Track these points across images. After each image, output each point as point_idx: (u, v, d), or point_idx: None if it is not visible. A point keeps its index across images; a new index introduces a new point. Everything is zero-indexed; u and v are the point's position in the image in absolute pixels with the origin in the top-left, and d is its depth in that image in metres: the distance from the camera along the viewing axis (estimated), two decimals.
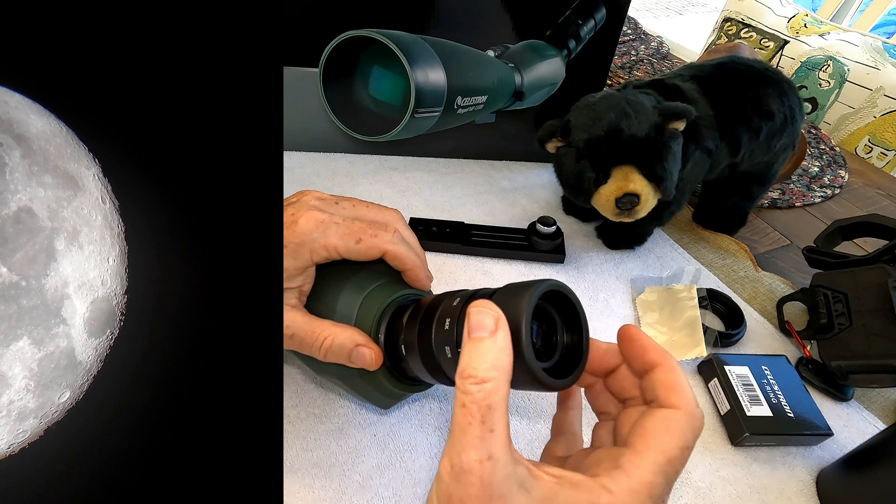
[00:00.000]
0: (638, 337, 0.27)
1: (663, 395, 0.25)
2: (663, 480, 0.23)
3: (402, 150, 0.72)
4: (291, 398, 0.44)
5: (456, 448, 0.22)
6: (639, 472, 0.23)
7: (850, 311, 0.49)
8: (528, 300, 0.25)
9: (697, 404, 0.25)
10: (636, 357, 0.27)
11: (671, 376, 0.25)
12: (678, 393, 0.25)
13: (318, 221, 0.34)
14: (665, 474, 0.23)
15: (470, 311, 0.24)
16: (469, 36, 0.62)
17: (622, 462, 0.23)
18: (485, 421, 0.22)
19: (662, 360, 0.26)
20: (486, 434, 0.22)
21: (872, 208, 0.79)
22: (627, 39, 1.16)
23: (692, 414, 0.24)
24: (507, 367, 0.23)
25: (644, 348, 0.27)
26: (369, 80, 0.43)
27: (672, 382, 0.25)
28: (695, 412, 0.24)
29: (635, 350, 0.27)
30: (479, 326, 0.24)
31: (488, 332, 0.23)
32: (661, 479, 0.23)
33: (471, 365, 0.23)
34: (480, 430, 0.22)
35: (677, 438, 0.24)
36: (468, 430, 0.22)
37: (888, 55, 1.24)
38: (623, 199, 0.51)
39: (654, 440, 0.24)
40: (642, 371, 0.27)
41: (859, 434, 0.47)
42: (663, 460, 0.23)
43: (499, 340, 0.23)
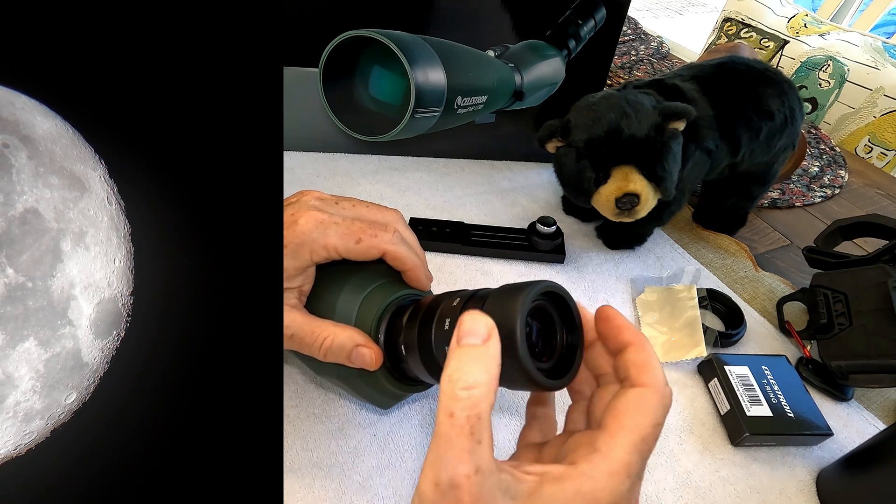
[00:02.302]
0: (614, 317, 0.28)
1: (635, 374, 0.25)
2: (639, 458, 0.23)
3: (402, 150, 0.72)
4: (291, 398, 0.44)
5: (442, 461, 0.21)
6: (616, 453, 0.23)
7: (850, 311, 0.49)
8: (523, 300, 0.25)
9: (666, 383, 0.26)
10: (611, 337, 0.28)
11: (642, 356, 0.26)
12: (649, 372, 0.25)
13: (317, 221, 0.34)
14: (640, 452, 0.23)
15: (463, 317, 0.24)
16: (469, 36, 0.62)
17: (598, 445, 0.24)
18: (473, 432, 0.21)
19: (635, 340, 0.27)
20: (475, 446, 0.21)
21: (872, 208, 0.79)
22: (627, 39, 1.16)
23: (661, 392, 0.25)
24: (495, 375, 0.23)
25: (619, 328, 0.27)
26: (369, 80, 0.43)
27: (643, 361, 0.26)
28: (664, 390, 0.25)
29: (610, 330, 0.28)
30: (470, 333, 0.23)
31: (480, 340, 0.23)
32: (636, 457, 0.23)
33: (460, 369, 0.22)
34: (469, 442, 0.21)
35: (649, 416, 0.24)
36: (456, 443, 0.21)
37: (888, 55, 1.24)
38: (623, 199, 0.51)
39: (627, 420, 0.24)
40: (616, 350, 0.27)
41: (859, 434, 0.47)
42: (637, 439, 0.24)
43: (490, 348, 0.23)
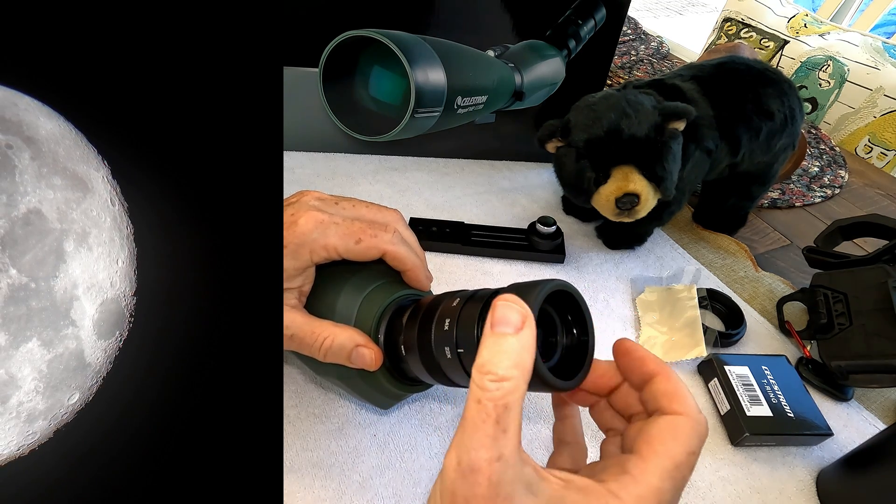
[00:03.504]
0: (634, 349, 0.27)
1: (665, 404, 0.25)
2: (671, 486, 0.23)
3: (402, 150, 0.72)
4: (291, 398, 0.44)
5: (465, 445, 0.21)
6: (647, 478, 0.22)
7: (850, 311, 0.49)
8: (534, 300, 0.25)
9: (700, 410, 0.25)
10: (634, 370, 0.27)
11: (671, 385, 0.25)
12: (680, 400, 0.25)
13: (317, 222, 0.34)
14: (673, 480, 0.23)
15: (496, 303, 0.23)
16: (469, 36, 0.62)
17: (629, 468, 0.23)
18: (499, 421, 0.21)
19: (660, 369, 0.26)
20: (499, 434, 0.21)
21: (872, 208, 0.79)
22: (627, 39, 1.16)
23: (696, 419, 0.24)
24: (528, 368, 0.22)
25: (642, 360, 0.26)
26: (369, 80, 0.43)
27: (672, 390, 0.25)
28: (699, 418, 0.24)
29: (633, 363, 0.27)
30: (503, 321, 0.23)
31: (513, 329, 0.23)
32: (668, 484, 0.22)
33: (491, 361, 0.22)
34: (494, 429, 0.21)
35: (683, 444, 0.23)
36: (481, 428, 0.21)
37: (888, 55, 1.24)
38: (623, 199, 0.51)
39: (660, 446, 0.23)
40: (641, 383, 0.26)
41: (859, 434, 0.47)
42: (671, 465, 0.23)
43: (523, 338, 0.22)
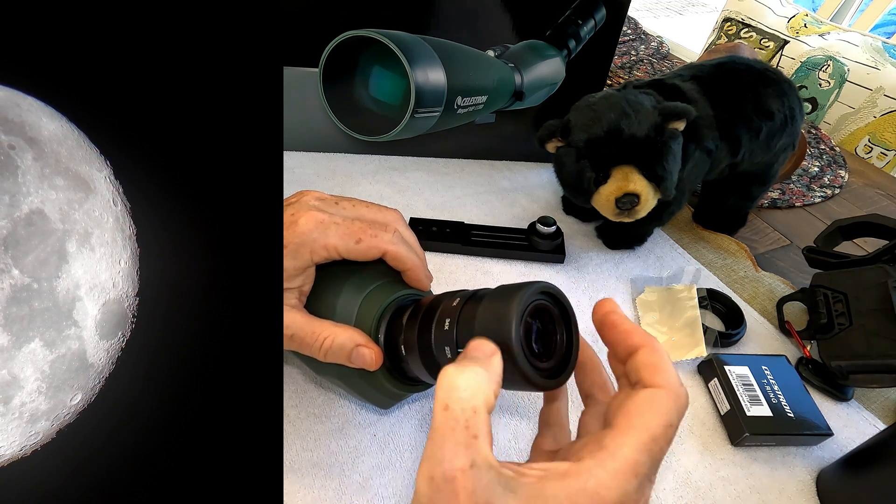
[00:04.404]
0: (620, 323, 0.27)
1: (647, 376, 0.25)
2: (648, 459, 0.22)
3: (402, 150, 0.72)
4: (291, 398, 0.44)
5: (437, 457, 0.21)
6: (623, 451, 0.22)
7: (850, 311, 0.49)
8: (517, 302, 0.25)
9: (681, 384, 0.25)
10: (619, 343, 0.27)
11: (654, 357, 0.25)
12: (661, 372, 0.25)
13: (317, 221, 0.34)
14: (650, 452, 0.23)
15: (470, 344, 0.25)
16: (469, 36, 0.62)
17: (606, 442, 0.23)
18: (468, 426, 0.21)
19: (645, 342, 0.26)
20: (470, 440, 0.21)
21: (872, 208, 0.79)
22: (627, 39, 1.16)
23: (676, 392, 0.24)
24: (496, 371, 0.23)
25: (627, 333, 0.27)
26: (369, 80, 0.43)
27: (655, 363, 0.25)
28: (679, 391, 0.24)
29: (618, 335, 0.27)
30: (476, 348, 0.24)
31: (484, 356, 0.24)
32: (645, 457, 0.22)
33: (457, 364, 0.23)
34: (464, 436, 0.21)
35: (661, 417, 0.23)
36: (450, 437, 0.21)
37: (888, 55, 1.24)
38: (623, 199, 0.51)
39: (637, 419, 0.23)
40: (626, 355, 0.26)
41: (859, 434, 0.47)
42: (647, 438, 0.23)
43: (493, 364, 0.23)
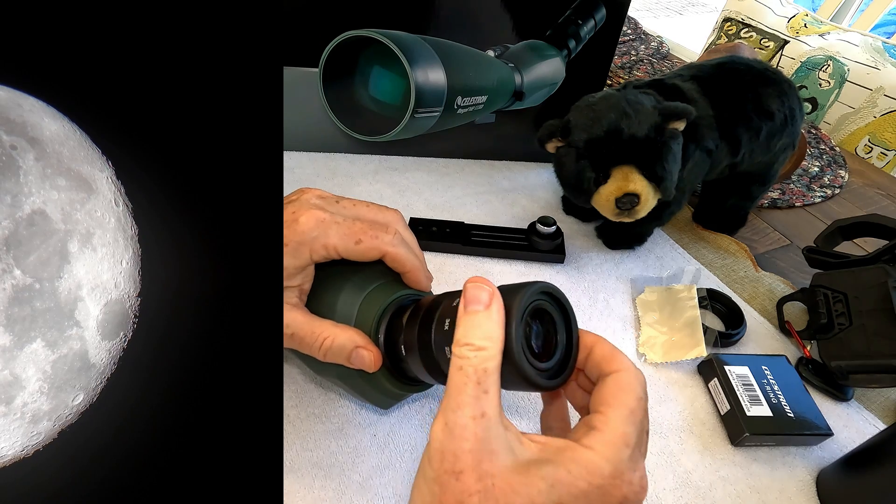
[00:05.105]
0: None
1: (606, 366, 0.28)
2: (634, 429, 0.25)
3: (402, 150, 0.72)
4: (291, 398, 0.44)
5: (451, 406, 0.24)
6: (611, 426, 0.25)
7: (850, 311, 0.49)
8: (517, 303, 0.26)
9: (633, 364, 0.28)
10: None
11: (607, 348, 0.28)
12: (617, 359, 0.28)
13: (318, 220, 0.34)
14: (634, 423, 0.26)
15: (466, 285, 0.26)
16: (469, 36, 0.62)
17: (594, 423, 0.26)
18: (480, 382, 0.24)
19: (595, 339, 0.29)
20: (481, 394, 0.24)
21: (872, 208, 0.79)
22: (627, 39, 1.16)
23: (634, 372, 0.27)
24: (500, 338, 0.25)
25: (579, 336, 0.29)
26: (369, 80, 0.43)
27: (609, 353, 0.28)
28: (635, 370, 0.28)
29: None
30: (474, 300, 0.26)
31: (483, 306, 0.26)
32: (631, 427, 0.25)
33: (467, 335, 0.25)
34: (475, 390, 0.24)
35: (631, 392, 0.26)
36: (463, 391, 0.24)
37: (888, 55, 1.24)
38: (623, 199, 0.51)
39: (613, 399, 0.26)
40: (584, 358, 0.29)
41: (859, 434, 0.47)
42: (627, 412, 0.26)
43: (493, 314, 0.26)
